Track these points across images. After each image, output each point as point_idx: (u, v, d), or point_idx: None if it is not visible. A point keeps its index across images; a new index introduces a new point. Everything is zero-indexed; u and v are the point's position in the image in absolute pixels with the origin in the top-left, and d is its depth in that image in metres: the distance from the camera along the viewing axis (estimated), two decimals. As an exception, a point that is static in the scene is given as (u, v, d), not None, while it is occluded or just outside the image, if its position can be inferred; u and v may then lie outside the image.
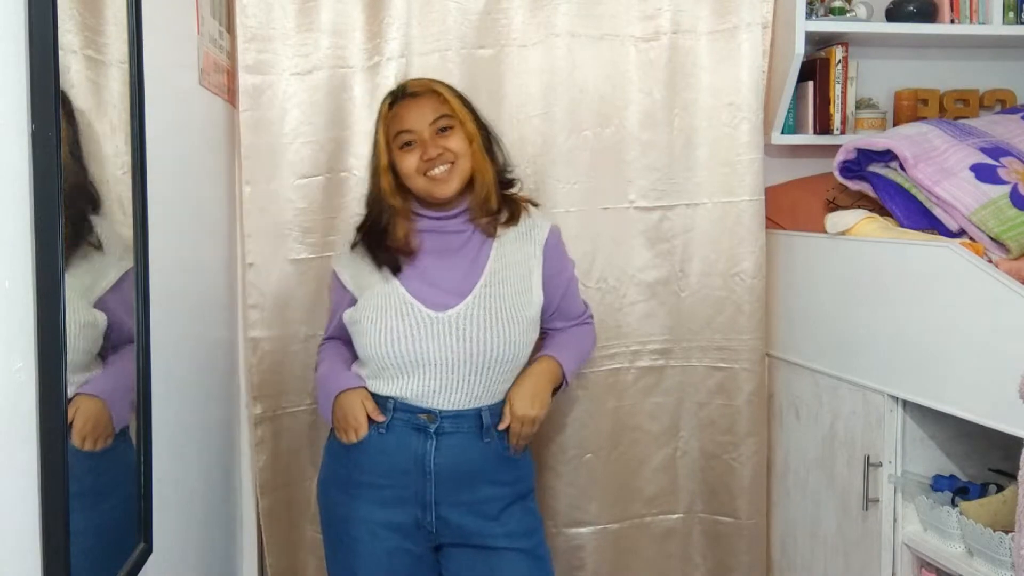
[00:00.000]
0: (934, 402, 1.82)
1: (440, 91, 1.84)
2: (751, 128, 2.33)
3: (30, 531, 0.94)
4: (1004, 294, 1.64)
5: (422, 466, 1.78)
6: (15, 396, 0.91)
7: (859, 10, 2.47)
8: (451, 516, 1.80)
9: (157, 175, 1.40)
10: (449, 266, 1.83)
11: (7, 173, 0.90)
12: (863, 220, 2.10)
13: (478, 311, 1.78)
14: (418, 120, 1.82)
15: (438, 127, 1.82)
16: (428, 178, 1.81)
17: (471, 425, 1.80)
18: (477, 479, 1.81)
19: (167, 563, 1.52)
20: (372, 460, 1.79)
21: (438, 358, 1.76)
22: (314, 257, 2.24)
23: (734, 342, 2.37)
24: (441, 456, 1.78)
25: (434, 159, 1.79)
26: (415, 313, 1.77)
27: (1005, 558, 1.65)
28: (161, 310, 1.45)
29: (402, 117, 1.83)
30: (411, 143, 1.81)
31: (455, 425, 1.79)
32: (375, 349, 1.78)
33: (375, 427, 1.79)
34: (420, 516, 1.79)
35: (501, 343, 1.78)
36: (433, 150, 1.79)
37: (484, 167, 1.85)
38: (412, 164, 1.81)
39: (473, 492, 1.80)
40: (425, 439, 1.78)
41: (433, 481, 1.78)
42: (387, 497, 1.79)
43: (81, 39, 1.11)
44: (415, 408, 1.78)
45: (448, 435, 1.79)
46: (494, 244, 1.87)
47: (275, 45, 2.20)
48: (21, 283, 0.92)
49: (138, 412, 1.34)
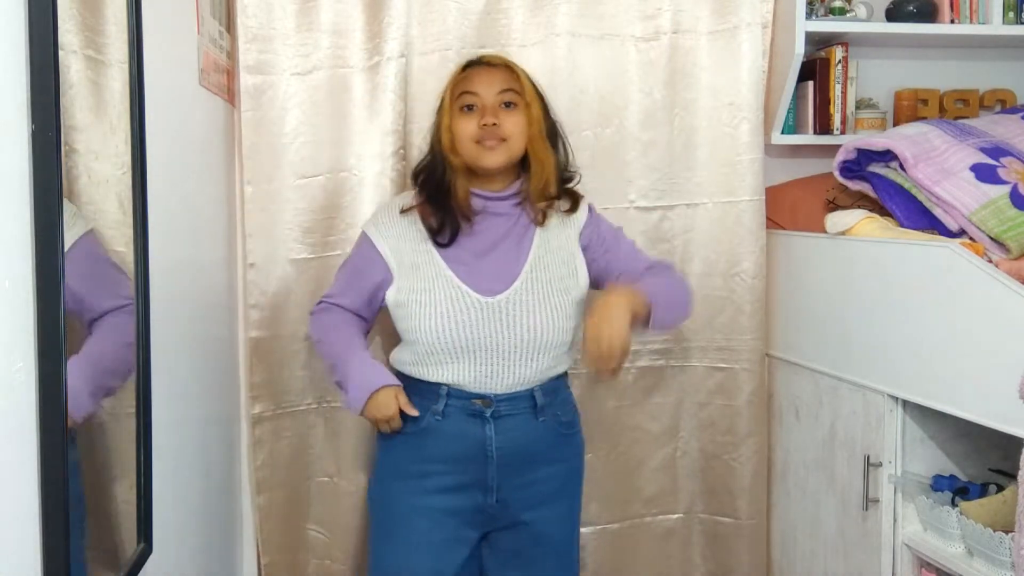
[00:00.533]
0: (934, 402, 1.82)
1: (515, 69, 1.84)
2: (751, 128, 2.33)
3: (30, 531, 0.94)
4: (1004, 294, 1.64)
5: (483, 450, 1.79)
6: (15, 396, 0.91)
7: (859, 10, 2.47)
8: (511, 498, 1.82)
9: (157, 175, 1.40)
10: (494, 250, 1.83)
11: (7, 173, 0.90)
12: (863, 220, 2.10)
13: (525, 296, 1.79)
14: (485, 86, 1.81)
15: (503, 100, 1.81)
16: (478, 144, 1.79)
17: (526, 405, 1.81)
18: (537, 459, 1.83)
19: (167, 563, 1.52)
20: (433, 448, 1.80)
21: (489, 344, 1.76)
22: (314, 257, 2.24)
23: (734, 342, 2.37)
24: (501, 439, 1.79)
25: (489, 127, 1.78)
26: (465, 298, 1.77)
27: (1005, 558, 1.65)
28: (161, 310, 1.45)
29: (471, 79, 1.83)
30: (472, 106, 1.81)
31: (511, 407, 1.80)
32: (426, 334, 1.76)
33: (431, 413, 1.79)
34: (482, 500, 1.81)
35: (549, 328, 1.79)
36: (490, 118, 1.78)
37: (544, 152, 1.84)
38: (470, 127, 1.79)
39: (534, 472, 1.82)
40: (483, 423, 1.79)
41: (495, 464, 1.79)
42: (448, 484, 1.80)
43: (81, 39, 1.10)
44: (469, 394, 1.79)
45: (505, 417, 1.80)
46: (537, 230, 1.86)
47: (275, 45, 2.19)
48: (21, 283, 0.92)
49: (138, 412, 1.34)
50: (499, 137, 1.79)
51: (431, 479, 1.80)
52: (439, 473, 1.80)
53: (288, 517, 2.31)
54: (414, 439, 1.81)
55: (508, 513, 1.84)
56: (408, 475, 1.82)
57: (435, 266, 1.79)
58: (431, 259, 1.80)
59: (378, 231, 1.87)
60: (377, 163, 2.23)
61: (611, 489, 2.38)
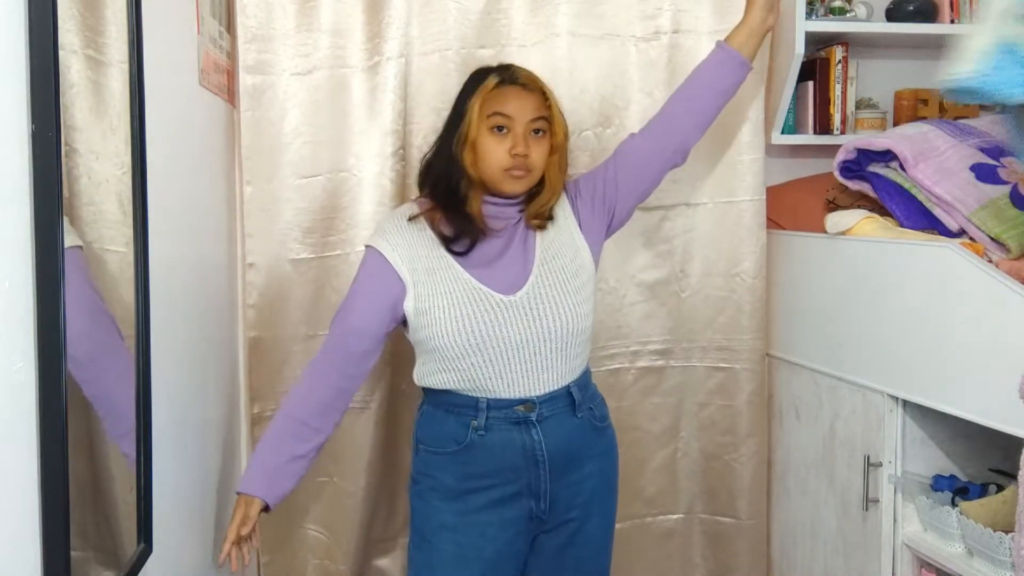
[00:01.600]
0: (934, 402, 1.82)
1: (547, 94, 1.82)
2: (751, 128, 2.33)
3: (30, 531, 0.94)
4: (1004, 294, 1.64)
5: (533, 456, 1.76)
6: (15, 396, 0.91)
7: (859, 10, 2.47)
8: (559, 499, 1.80)
9: (157, 175, 1.40)
10: (505, 253, 1.81)
11: (7, 173, 0.90)
12: (863, 220, 2.10)
13: (543, 289, 1.77)
14: (521, 111, 1.77)
15: (534, 127, 1.78)
16: (506, 172, 1.76)
17: (565, 404, 1.80)
18: (580, 457, 1.81)
19: (167, 563, 1.52)
20: (479, 463, 1.76)
21: (518, 341, 1.73)
22: (314, 257, 2.24)
23: (734, 342, 2.37)
24: (549, 441, 1.77)
25: (520, 158, 1.75)
26: (487, 298, 1.74)
27: (1005, 558, 1.65)
28: (161, 310, 1.45)
29: (506, 100, 1.77)
30: (504, 128, 1.76)
31: (552, 408, 1.78)
32: (452, 337, 1.71)
33: (472, 429, 1.75)
34: (534, 507, 1.79)
35: (571, 315, 1.77)
36: (522, 148, 1.75)
37: (557, 183, 1.83)
38: (499, 152, 1.75)
39: (578, 470, 1.81)
40: (529, 429, 1.76)
41: (547, 468, 1.77)
42: (497, 496, 1.77)
43: (81, 39, 1.11)
44: (510, 401, 1.75)
45: (548, 419, 1.77)
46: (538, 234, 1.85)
47: (275, 45, 2.20)
48: (21, 283, 0.92)
49: (138, 412, 1.34)
50: (527, 168, 1.77)
51: (480, 495, 1.76)
52: (487, 487, 1.76)
53: (287, 517, 2.30)
54: (459, 456, 1.76)
55: (556, 515, 1.82)
56: (455, 493, 1.77)
57: (452, 270, 1.76)
58: (447, 264, 1.76)
59: (387, 242, 1.79)
60: (377, 163, 2.23)
61: (611, 489, 2.38)
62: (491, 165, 1.76)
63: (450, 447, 1.77)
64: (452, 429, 1.77)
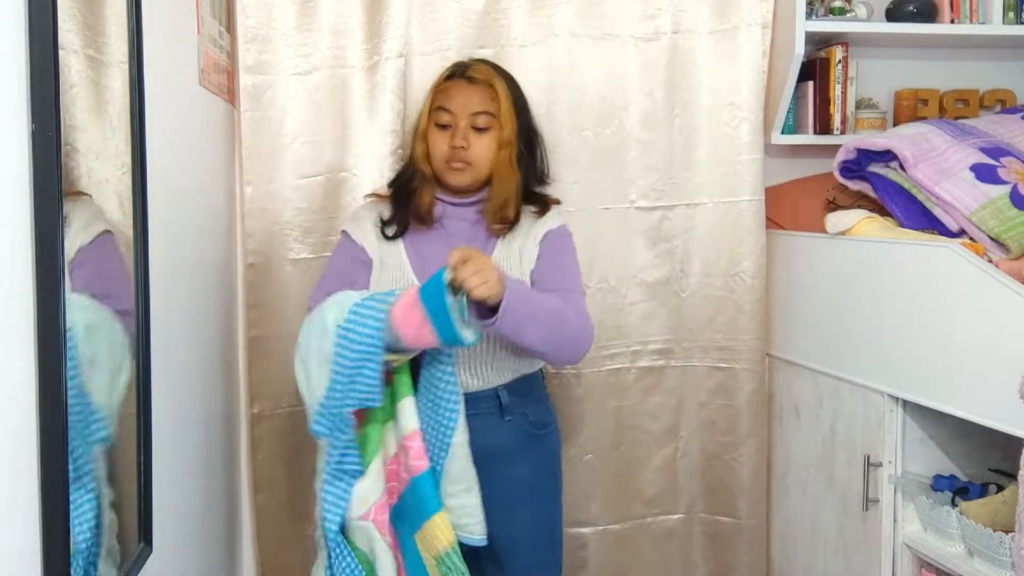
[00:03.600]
0: (934, 402, 1.82)
1: (497, 88, 1.83)
2: (751, 128, 2.33)
3: (30, 531, 0.94)
4: (1004, 294, 1.64)
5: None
6: (15, 396, 0.91)
7: (859, 10, 2.47)
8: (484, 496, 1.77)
9: (157, 175, 1.40)
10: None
11: (7, 173, 0.90)
12: (863, 220, 2.10)
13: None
14: (462, 106, 1.82)
15: (475, 123, 1.82)
16: (446, 164, 1.82)
17: (490, 405, 1.81)
18: (504, 459, 1.81)
19: (167, 563, 1.52)
20: None
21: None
22: (314, 257, 2.24)
23: (734, 342, 2.37)
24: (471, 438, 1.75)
25: (457, 150, 1.80)
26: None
27: (1005, 558, 1.65)
28: (161, 310, 1.45)
29: (448, 95, 1.84)
30: (447, 125, 1.82)
31: (475, 406, 1.78)
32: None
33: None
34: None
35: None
36: (459, 141, 1.80)
37: (507, 177, 1.83)
38: (441, 145, 1.82)
39: (502, 472, 1.80)
40: None
41: None
42: None
43: (82, 39, 1.10)
44: None
45: (470, 417, 1.76)
46: (499, 240, 1.85)
47: (275, 45, 2.20)
48: (21, 283, 0.92)
49: (138, 412, 1.34)
50: (466, 161, 1.81)
51: None
52: None
53: (287, 516, 2.31)
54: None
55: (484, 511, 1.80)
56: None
57: (400, 267, 1.82)
58: (398, 260, 1.83)
59: (358, 226, 1.88)
60: (376, 163, 2.23)
61: (612, 489, 2.38)
62: (435, 157, 1.83)
63: None
64: None
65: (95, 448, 1.10)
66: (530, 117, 1.91)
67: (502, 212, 1.83)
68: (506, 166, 1.83)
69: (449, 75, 1.87)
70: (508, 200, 1.83)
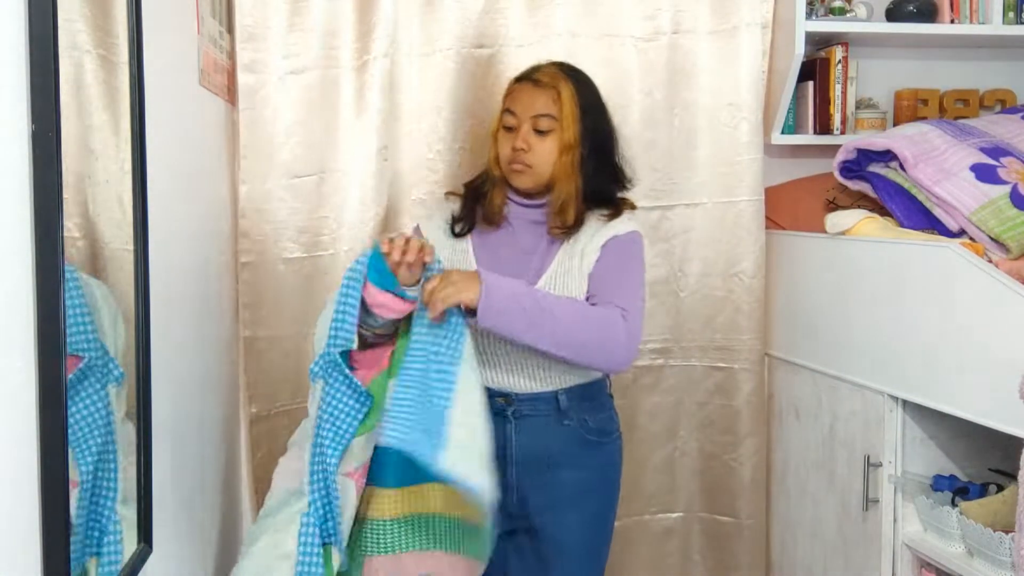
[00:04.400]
0: (934, 402, 1.82)
1: (562, 91, 1.80)
2: (751, 128, 2.33)
3: (30, 531, 0.94)
4: (1004, 294, 1.64)
5: (504, 451, 1.76)
6: (15, 396, 0.91)
7: (859, 10, 2.47)
8: (530, 498, 1.80)
9: (157, 175, 1.40)
10: (523, 256, 1.81)
11: (7, 173, 0.90)
12: (863, 220, 2.10)
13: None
14: (525, 108, 1.81)
15: (537, 126, 1.80)
16: (509, 167, 1.82)
17: (549, 408, 1.80)
18: (558, 462, 1.80)
19: (167, 563, 1.52)
20: None
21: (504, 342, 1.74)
22: (307, 256, 2.24)
23: (733, 342, 2.37)
24: (522, 439, 1.78)
25: (518, 152, 1.80)
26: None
27: (1005, 558, 1.65)
28: (161, 310, 1.45)
29: (515, 98, 1.84)
30: (511, 128, 1.82)
31: (533, 408, 1.79)
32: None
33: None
34: (503, 499, 1.74)
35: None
36: (519, 143, 1.80)
37: (567, 181, 1.80)
38: (504, 147, 1.83)
39: (554, 475, 1.80)
40: (504, 422, 1.77)
41: (515, 463, 1.78)
42: None
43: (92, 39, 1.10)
44: (492, 391, 1.77)
45: (528, 418, 1.79)
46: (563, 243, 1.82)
47: (269, 44, 2.19)
48: (21, 283, 0.92)
49: (138, 412, 1.34)
50: (526, 163, 1.79)
51: None
52: None
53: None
54: None
55: (527, 513, 1.81)
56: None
57: (465, 263, 1.82)
58: (464, 259, 1.83)
59: (431, 222, 1.90)
60: (374, 163, 2.23)
61: (611, 489, 2.38)
62: (502, 159, 1.83)
63: None
64: None
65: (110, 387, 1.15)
66: (603, 119, 1.86)
67: (561, 216, 1.81)
68: (566, 169, 1.80)
69: (518, 78, 1.87)
70: (567, 204, 1.80)
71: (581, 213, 1.81)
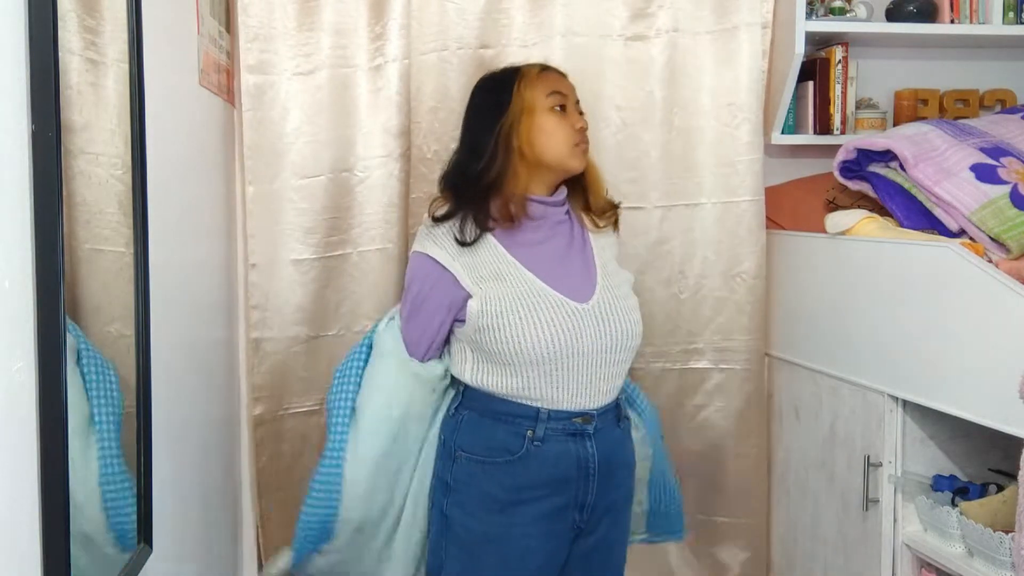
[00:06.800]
0: (934, 402, 1.82)
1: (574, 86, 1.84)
2: (751, 128, 2.33)
3: (30, 531, 0.94)
4: (1004, 294, 1.64)
5: (586, 469, 1.73)
6: (15, 396, 0.91)
7: (859, 10, 2.47)
8: (597, 508, 1.76)
9: (157, 175, 1.40)
10: (567, 258, 1.78)
11: (7, 173, 0.90)
12: (863, 220, 2.10)
13: (610, 297, 1.75)
14: (570, 90, 1.80)
15: (579, 109, 1.81)
16: (575, 148, 1.75)
17: (613, 415, 1.79)
18: (619, 465, 1.79)
19: (167, 563, 1.52)
20: (531, 474, 1.70)
21: (592, 349, 1.69)
22: (316, 257, 2.25)
23: (734, 342, 2.37)
24: (601, 453, 1.74)
25: (584, 131, 1.77)
26: (564, 306, 1.69)
27: (1005, 558, 1.65)
28: (161, 310, 1.45)
29: (554, 82, 1.79)
30: (564, 108, 1.76)
31: (604, 420, 1.76)
32: (532, 347, 1.65)
33: (529, 440, 1.70)
34: (577, 517, 1.75)
35: (636, 326, 1.77)
36: (582, 122, 1.77)
37: (596, 168, 1.85)
38: (564, 128, 1.74)
39: (614, 479, 1.78)
40: (584, 441, 1.72)
41: (596, 481, 1.74)
42: (545, 509, 1.71)
43: (81, 40, 1.10)
44: (569, 413, 1.71)
45: (600, 431, 1.75)
46: (591, 237, 1.83)
47: (276, 45, 2.20)
48: (21, 283, 0.92)
49: (138, 412, 1.34)
50: (587, 142, 1.79)
51: (529, 506, 1.70)
52: (536, 499, 1.70)
53: (291, 519, 2.30)
54: (510, 467, 1.70)
55: (589, 525, 1.78)
56: (501, 504, 1.71)
57: (521, 275, 1.70)
58: (515, 270, 1.71)
59: (445, 251, 1.72)
60: (381, 164, 2.23)
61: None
62: (559, 142, 1.74)
63: (501, 457, 1.70)
64: (503, 438, 1.71)
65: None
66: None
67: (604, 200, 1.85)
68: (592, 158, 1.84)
69: (541, 68, 1.81)
70: (605, 188, 1.85)
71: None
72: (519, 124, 1.72)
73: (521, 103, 1.73)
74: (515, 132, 1.72)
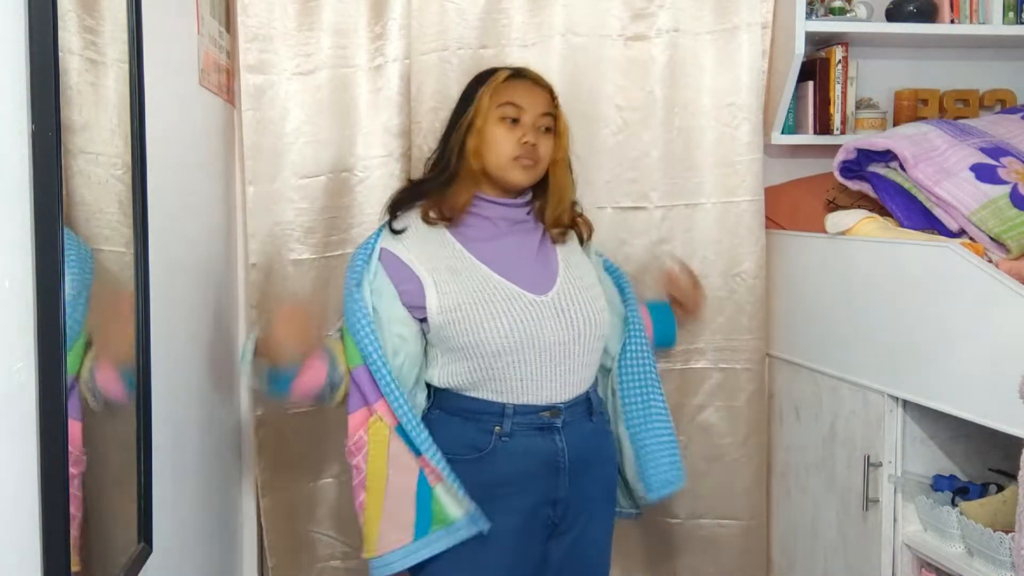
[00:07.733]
0: (934, 402, 1.82)
1: (555, 95, 1.81)
2: (751, 128, 2.33)
3: (30, 531, 0.94)
4: (1004, 294, 1.64)
5: (555, 464, 1.73)
6: (15, 396, 0.91)
7: (859, 10, 2.47)
8: (571, 504, 1.76)
9: (157, 175, 1.40)
10: (527, 255, 1.78)
11: (7, 173, 0.90)
12: (863, 220, 2.10)
13: (572, 290, 1.75)
14: (531, 104, 1.76)
15: (543, 124, 1.77)
16: (514, 161, 1.74)
17: (584, 409, 1.78)
18: (593, 460, 1.79)
19: (167, 563, 1.52)
20: (500, 469, 1.71)
21: (552, 342, 1.70)
22: (316, 257, 2.25)
23: (734, 342, 2.37)
24: (571, 448, 1.74)
25: (529, 147, 1.73)
26: (520, 298, 1.70)
27: (1005, 558, 1.65)
28: (161, 310, 1.45)
29: (517, 91, 1.76)
30: (516, 120, 1.74)
31: (573, 413, 1.76)
32: (490, 340, 1.66)
33: (496, 436, 1.71)
34: (551, 513, 1.75)
35: (599, 317, 1.76)
36: (532, 137, 1.73)
37: (565, 180, 1.81)
38: (508, 141, 1.73)
39: (590, 474, 1.78)
40: (553, 435, 1.73)
41: (567, 475, 1.74)
42: (515, 506, 1.72)
43: (81, 40, 1.11)
44: (536, 407, 1.72)
45: (570, 424, 1.74)
46: (557, 245, 1.83)
47: (276, 45, 2.20)
48: (21, 283, 0.92)
49: (138, 412, 1.34)
50: (535, 159, 1.75)
51: (498, 503, 1.70)
52: (505, 496, 1.71)
53: (293, 519, 2.31)
54: (478, 463, 1.71)
55: (566, 522, 1.78)
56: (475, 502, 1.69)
57: (478, 270, 1.72)
58: (471, 264, 1.72)
59: (400, 243, 1.73)
60: (382, 164, 2.23)
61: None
62: (500, 154, 1.73)
63: (470, 454, 1.71)
64: (472, 436, 1.72)
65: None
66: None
67: (561, 218, 1.81)
68: (563, 169, 1.81)
69: (510, 75, 1.79)
70: (567, 207, 1.82)
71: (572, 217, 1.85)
72: (472, 128, 1.74)
73: (477, 109, 1.75)
74: (469, 136, 1.74)
